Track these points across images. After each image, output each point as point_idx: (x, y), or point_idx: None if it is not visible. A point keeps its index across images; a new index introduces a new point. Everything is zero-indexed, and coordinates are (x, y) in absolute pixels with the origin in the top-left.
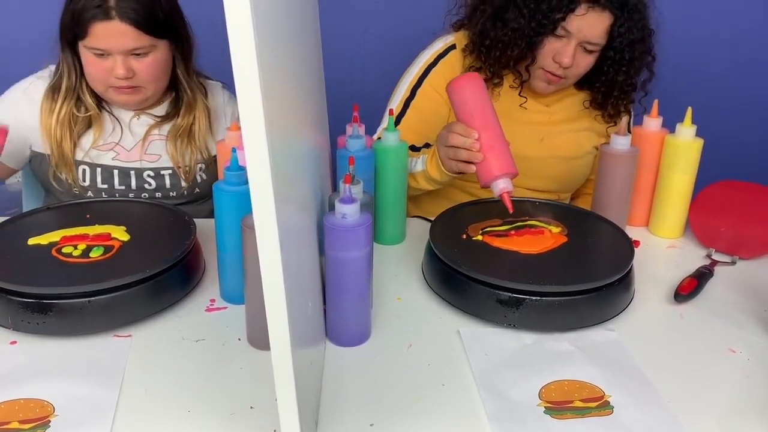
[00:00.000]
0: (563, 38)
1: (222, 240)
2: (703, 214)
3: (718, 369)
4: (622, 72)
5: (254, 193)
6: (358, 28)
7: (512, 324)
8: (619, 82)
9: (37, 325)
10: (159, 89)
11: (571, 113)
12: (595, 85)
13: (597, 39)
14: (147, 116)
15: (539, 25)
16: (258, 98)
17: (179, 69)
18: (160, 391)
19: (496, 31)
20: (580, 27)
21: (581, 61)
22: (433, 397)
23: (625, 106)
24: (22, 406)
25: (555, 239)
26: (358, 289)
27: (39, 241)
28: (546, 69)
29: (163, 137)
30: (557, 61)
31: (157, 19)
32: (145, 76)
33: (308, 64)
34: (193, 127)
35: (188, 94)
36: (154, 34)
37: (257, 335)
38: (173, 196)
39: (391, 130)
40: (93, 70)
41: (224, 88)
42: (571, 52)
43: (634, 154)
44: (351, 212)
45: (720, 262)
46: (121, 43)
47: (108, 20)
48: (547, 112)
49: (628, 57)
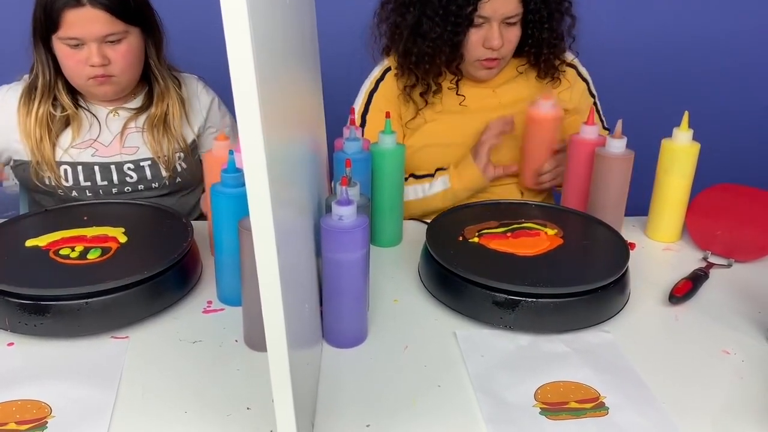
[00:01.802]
0: (484, 25)
1: (219, 242)
2: (700, 217)
3: (712, 370)
4: (545, 29)
5: (251, 195)
6: (355, 31)
7: (508, 326)
8: (545, 39)
9: (35, 326)
10: (133, 79)
11: (519, 94)
12: (524, 49)
13: (514, 11)
14: (123, 110)
15: (455, 24)
16: (255, 101)
17: (151, 59)
18: (157, 393)
19: (419, 46)
20: (494, 8)
21: (510, 36)
22: (429, 398)
23: (557, 57)
24: (20, 407)
25: (551, 241)
26: (354, 291)
27: (36, 242)
28: (481, 59)
29: (139, 129)
30: (489, 47)
31: (128, 4)
32: (119, 64)
33: (305, 67)
34: (167, 116)
35: (160, 83)
36: (126, 20)
37: (254, 337)
38: (155, 187)
39: (388, 133)
40: (69, 62)
41: (199, 80)
42: (497, 34)
43: (629, 157)
44: (348, 214)
45: (716, 265)
46: (95, 30)
47: (79, 7)
48: (494, 96)
49: (546, 13)
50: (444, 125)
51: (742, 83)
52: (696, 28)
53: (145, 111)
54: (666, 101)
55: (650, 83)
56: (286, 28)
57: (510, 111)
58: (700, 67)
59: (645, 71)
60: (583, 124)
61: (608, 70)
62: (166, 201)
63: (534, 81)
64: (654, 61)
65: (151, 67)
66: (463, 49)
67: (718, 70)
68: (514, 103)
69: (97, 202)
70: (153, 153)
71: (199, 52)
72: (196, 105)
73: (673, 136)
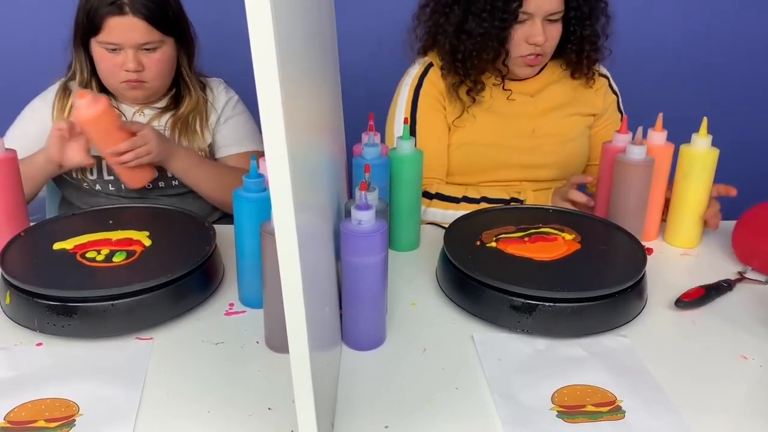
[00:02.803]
0: (527, 21)
1: (241, 245)
2: (747, 231)
3: (729, 375)
4: (587, 26)
5: (275, 200)
6: (373, 38)
7: (525, 330)
8: (587, 36)
9: (62, 327)
10: (163, 86)
11: (556, 100)
12: (567, 47)
13: (557, 8)
14: (149, 109)
15: (501, 20)
16: (279, 110)
17: (183, 67)
18: (181, 392)
19: (465, 44)
20: (538, 4)
21: (552, 32)
22: (446, 400)
23: (596, 57)
24: (48, 405)
25: (568, 246)
26: (373, 294)
27: (64, 246)
28: (523, 55)
29: (161, 127)
30: (532, 43)
31: (167, 16)
32: (153, 71)
33: (325, 73)
34: (191, 117)
35: (190, 89)
36: (163, 31)
37: (275, 338)
38: (175, 185)
39: (406, 139)
40: (105, 65)
41: (221, 82)
42: (540, 30)
43: (650, 164)
44: (367, 219)
45: (750, 280)
46: (133, 37)
47: (122, 15)
48: (533, 102)
49: (587, 9)
50: (485, 126)
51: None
52: (721, 31)
53: (169, 111)
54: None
55: (672, 87)
56: (307, 36)
57: (547, 117)
58: (721, 69)
59: (666, 74)
60: (615, 132)
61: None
62: (186, 199)
63: (569, 87)
64: (674, 63)
65: (183, 74)
66: (509, 44)
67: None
68: (552, 110)
69: (123, 206)
70: None
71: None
72: (215, 104)
73: (692, 141)
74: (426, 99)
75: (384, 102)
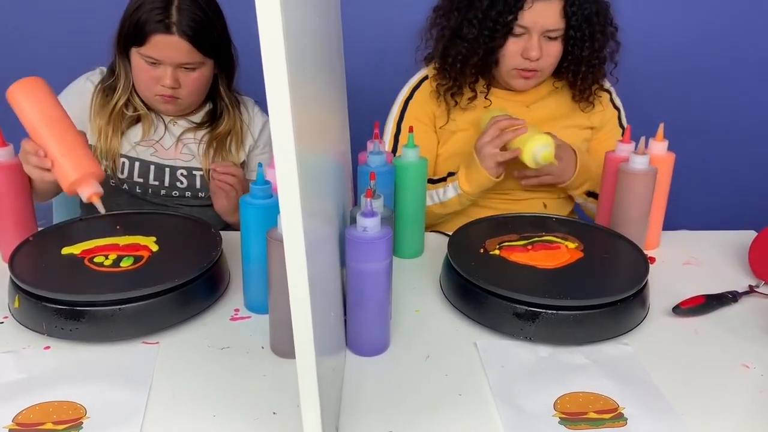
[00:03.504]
0: (524, 34)
1: (247, 251)
2: (764, 247)
3: (731, 384)
4: (586, 47)
5: (283, 207)
6: (380, 46)
7: (528, 337)
8: (585, 58)
9: (70, 331)
10: (196, 102)
11: (552, 111)
12: (563, 65)
13: (555, 25)
14: (183, 121)
15: (492, 30)
16: (289, 120)
17: (222, 86)
18: (187, 396)
19: (456, 47)
20: (534, 20)
21: (550, 50)
22: (450, 406)
23: (595, 80)
24: (56, 408)
25: (571, 254)
26: (377, 301)
27: (72, 250)
28: (519, 68)
29: (196, 141)
30: (527, 57)
31: (211, 38)
32: (188, 89)
33: (332, 83)
34: (227, 138)
35: (229, 109)
36: (205, 52)
37: (280, 344)
38: (201, 197)
39: (411, 147)
40: (142, 76)
41: (255, 103)
42: (536, 45)
43: (653, 173)
44: (372, 225)
45: (761, 294)
46: (176, 56)
47: (169, 34)
48: (528, 111)
49: (588, 32)
50: (475, 135)
51: None
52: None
53: (206, 127)
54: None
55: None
56: (316, 45)
57: (542, 128)
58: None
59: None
60: (618, 141)
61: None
62: (208, 211)
63: (569, 101)
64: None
65: (221, 93)
66: (498, 55)
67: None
68: (548, 121)
69: (130, 212)
70: (204, 167)
71: None
72: (251, 127)
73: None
74: (414, 110)
75: (389, 110)
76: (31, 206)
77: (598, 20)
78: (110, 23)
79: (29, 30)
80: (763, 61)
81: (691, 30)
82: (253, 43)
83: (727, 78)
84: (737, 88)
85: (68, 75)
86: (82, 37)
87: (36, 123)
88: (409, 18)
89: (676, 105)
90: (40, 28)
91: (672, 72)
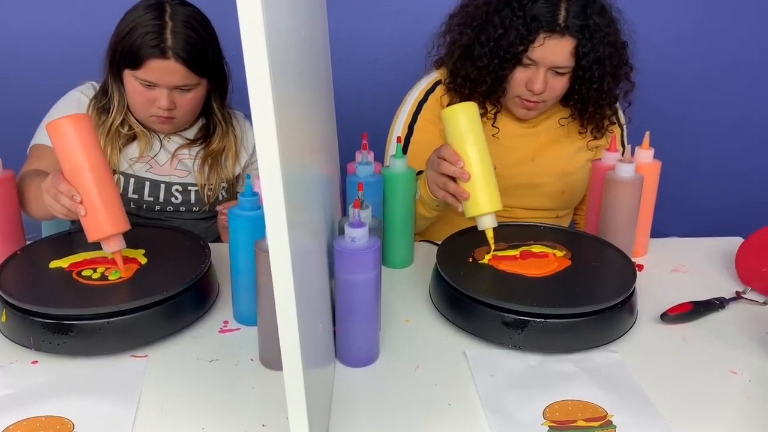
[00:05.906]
0: (531, 66)
1: (236, 263)
2: (750, 253)
3: (719, 390)
4: (593, 89)
5: (269, 219)
6: (368, 57)
7: (517, 346)
8: (592, 98)
9: (58, 345)
10: (190, 120)
11: (558, 133)
12: (569, 102)
13: (564, 63)
14: (177, 137)
15: (503, 60)
16: (273, 130)
17: (215, 103)
18: (176, 410)
19: (466, 69)
20: (543, 55)
21: (555, 84)
22: (440, 416)
23: (602, 120)
24: (44, 423)
25: (559, 263)
26: (366, 311)
27: (60, 264)
28: (522, 97)
29: (191, 157)
30: (530, 89)
31: (206, 59)
32: (183, 109)
33: (319, 95)
34: (222, 154)
35: (222, 125)
36: (200, 74)
37: (269, 356)
38: (196, 211)
39: (399, 157)
40: (137, 98)
41: (245, 118)
42: (541, 79)
43: (639, 181)
44: (360, 236)
45: (748, 300)
46: (172, 80)
47: (164, 59)
48: (534, 134)
49: (597, 74)
50: None
51: None
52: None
53: (199, 144)
54: None
55: None
56: (302, 59)
57: (548, 148)
58: None
59: None
60: (605, 150)
61: None
62: (201, 225)
63: (577, 125)
64: None
65: (214, 109)
66: (506, 83)
67: None
68: (554, 142)
69: None
70: (199, 183)
71: None
72: (245, 142)
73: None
74: (427, 114)
75: (378, 121)
76: (19, 220)
77: (611, 62)
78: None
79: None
80: (749, 68)
81: (676, 38)
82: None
83: (713, 85)
84: (724, 96)
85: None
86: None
87: (81, 166)
88: (397, 30)
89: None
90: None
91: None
